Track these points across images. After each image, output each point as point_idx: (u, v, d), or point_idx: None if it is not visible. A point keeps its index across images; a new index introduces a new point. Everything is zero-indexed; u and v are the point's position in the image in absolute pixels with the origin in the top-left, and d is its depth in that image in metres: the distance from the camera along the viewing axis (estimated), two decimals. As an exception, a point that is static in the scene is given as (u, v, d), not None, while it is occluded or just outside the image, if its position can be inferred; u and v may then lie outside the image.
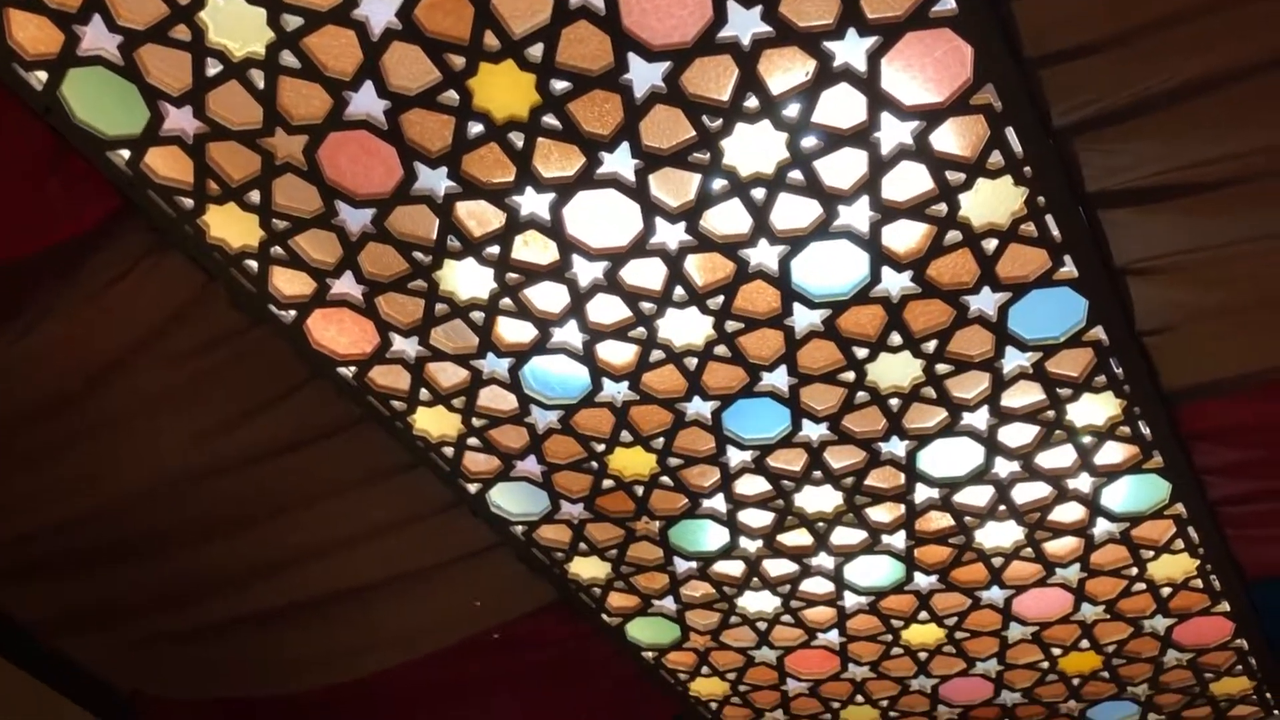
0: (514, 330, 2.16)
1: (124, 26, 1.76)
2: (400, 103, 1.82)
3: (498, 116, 1.82)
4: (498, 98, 1.81)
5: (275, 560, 2.61)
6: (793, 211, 1.93)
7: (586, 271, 2.04)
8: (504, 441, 2.39)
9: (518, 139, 1.85)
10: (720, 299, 2.06)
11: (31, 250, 2.02)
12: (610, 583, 2.72)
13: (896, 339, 2.11)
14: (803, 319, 2.09)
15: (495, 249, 2.01)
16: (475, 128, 1.84)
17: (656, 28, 1.73)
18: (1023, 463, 2.37)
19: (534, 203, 1.95)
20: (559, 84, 1.78)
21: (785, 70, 1.77)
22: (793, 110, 1.79)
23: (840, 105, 1.79)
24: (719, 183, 1.89)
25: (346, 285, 2.10)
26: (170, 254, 2.06)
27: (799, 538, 2.58)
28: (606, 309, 2.11)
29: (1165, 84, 1.72)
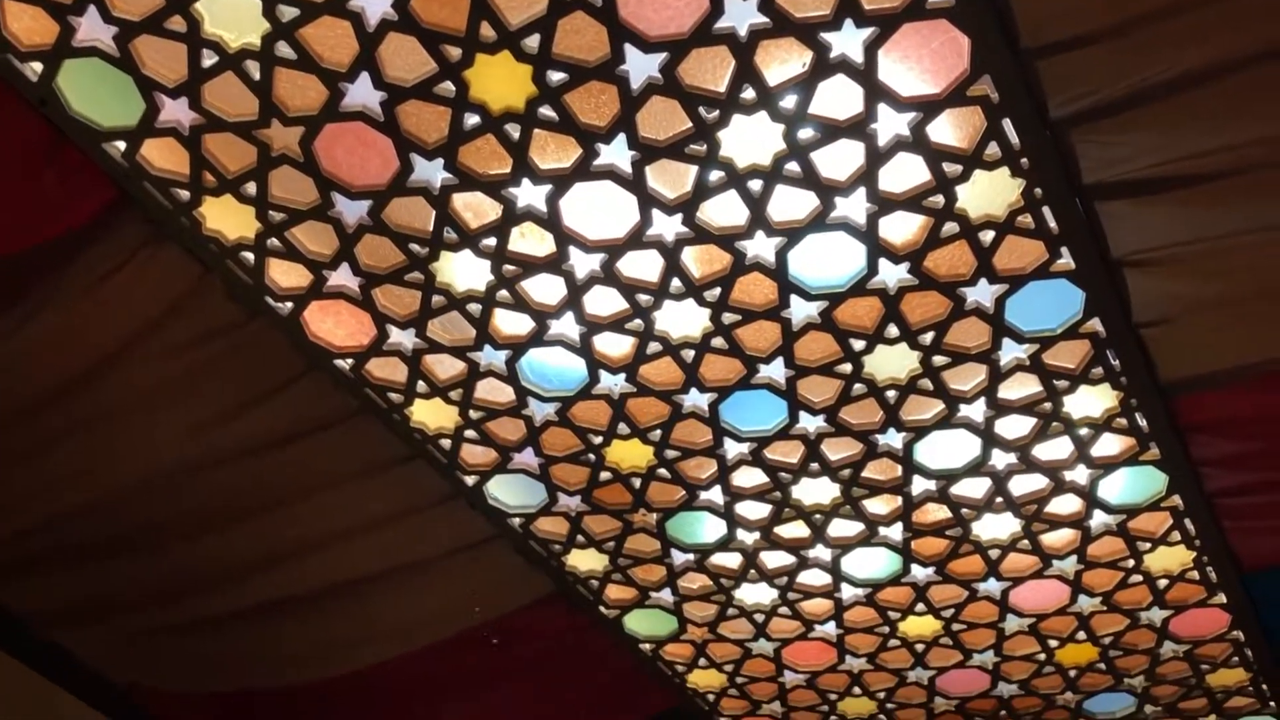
0: (511, 322, 2.16)
1: (119, 17, 1.75)
2: (396, 94, 1.82)
3: (494, 108, 1.82)
4: (494, 89, 1.80)
5: (272, 553, 2.61)
6: (790, 203, 1.93)
7: (583, 263, 2.04)
8: (501, 434, 2.39)
9: (514, 130, 1.85)
10: (717, 291, 2.06)
11: (27, 243, 2.01)
12: (608, 575, 2.73)
13: (893, 331, 2.12)
14: (800, 311, 2.10)
15: (492, 241, 2.01)
16: (472, 119, 1.84)
17: (653, 19, 1.72)
18: (1020, 455, 2.38)
19: (531, 194, 1.94)
20: (556, 75, 1.78)
21: (782, 61, 1.76)
22: (790, 102, 1.79)
23: (837, 97, 1.79)
24: (716, 174, 1.89)
25: (343, 277, 2.10)
26: (166, 246, 2.05)
27: (796, 530, 2.58)
28: (603, 301, 2.11)
29: (1162, 75, 1.72)
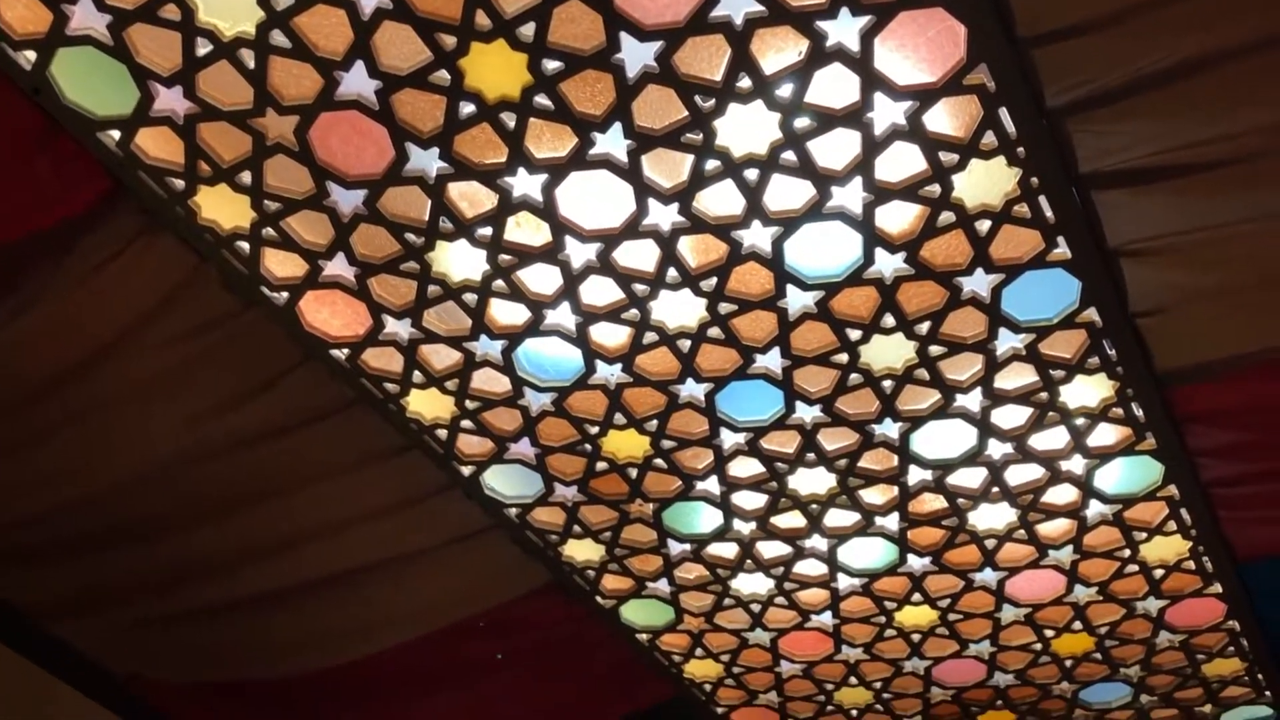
0: (507, 312, 2.16)
1: (113, 6, 1.75)
2: (391, 83, 1.81)
3: (489, 96, 1.82)
4: (489, 77, 1.80)
5: (268, 544, 2.60)
6: (786, 192, 1.93)
7: (579, 253, 2.04)
8: (497, 424, 2.39)
9: (510, 119, 1.84)
10: (713, 281, 2.06)
11: (21, 233, 2.01)
12: (604, 565, 2.72)
13: (890, 321, 2.11)
14: (796, 301, 2.09)
15: (488, 230, 2.01)
16: (467, 108, 1.83)
17: (649, 7, 1.72)
18: (1016, 445, 2.38)
19: (526, 184, 1.94)
20: (551, 64, 1.77)
21: (778, 50, 1.76)
22: (786, 90, 1.79)
23: (833, 86, 1.78)
24: (712, 164, 1.89)
25: (339, 267, 2.10)
26: (161, 236, 2.05)
27: (792, 520, 2.58)
28: (599, 291, 2.10)
29: (1159, 64, 1.72)
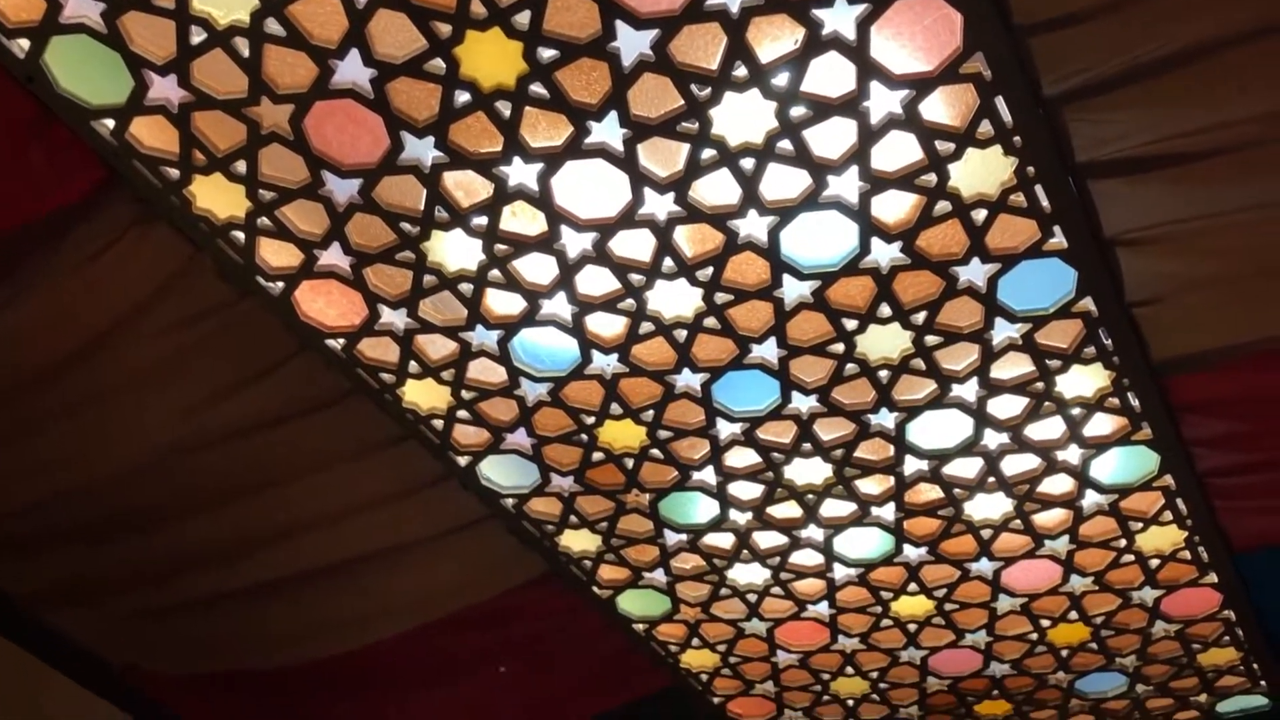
0: (503, 302, 2.16)
1: (107, -7, 1.74)
2: (386, 71, 1.80)
3: (485, 85, 1.81)
4: (485, 66, 1.79)
5: (265, 534, 2.60)
6: (782, 182, 1.92)
7: (575, 243, 2.03)
8: (493, 414, 2.39)
9: (505, 108, 1.84)
10: (709, 270, 2.06)
11: (16, 222, 2.00)
12: (601, 555, 2.73)
13: (886, 310, 2.11)
14: (792, 290, 2.09)
15: (483, 220, 2.00)
16: (462, 97, 1.83)
17: (645, -5, 1.71)
18: (1012, 435, 2.38)
19: (522, 173, 1.93)
20: (546, 52, 1.77)
21: (774, 39, 1.75)
22: (782, 79, 1.78)
23: (829, 74, 1.78)
24: (708, 153, 1.88)
25: (334, 256, 2.09)
26: (156, 225, 2.04)
27: (788, 510, 2.58)
28: (595, 281, 2.10)
29: (1155, 52, 1.71)
